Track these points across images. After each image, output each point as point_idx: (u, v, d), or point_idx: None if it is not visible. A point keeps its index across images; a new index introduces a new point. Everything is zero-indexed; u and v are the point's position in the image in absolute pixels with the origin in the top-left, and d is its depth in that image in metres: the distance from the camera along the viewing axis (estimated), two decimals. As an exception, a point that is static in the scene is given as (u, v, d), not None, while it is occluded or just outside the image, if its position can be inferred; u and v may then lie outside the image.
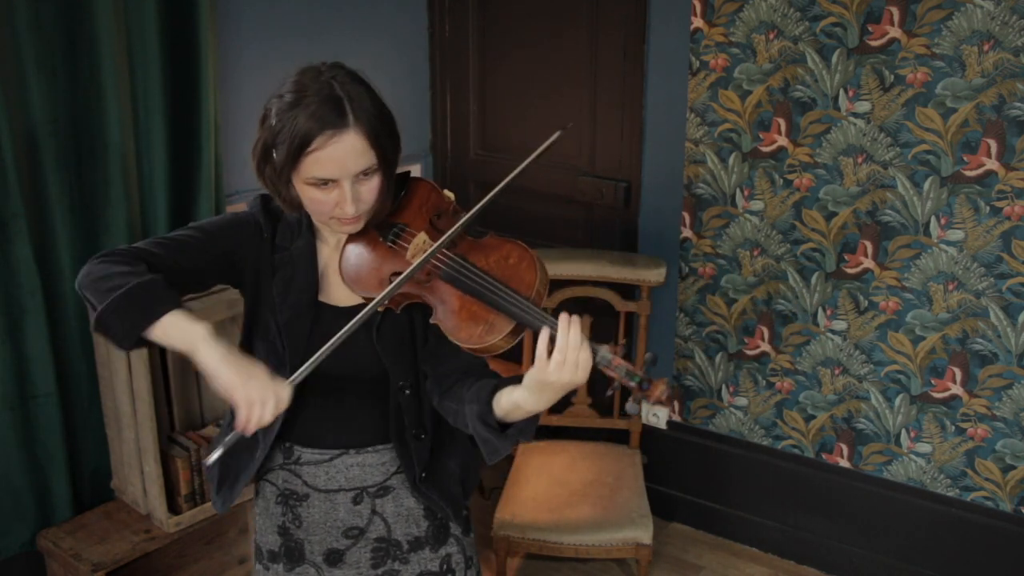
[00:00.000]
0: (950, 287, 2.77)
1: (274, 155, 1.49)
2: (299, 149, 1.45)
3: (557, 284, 3.03)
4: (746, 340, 3.16)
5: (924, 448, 2.93)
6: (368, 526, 1.71)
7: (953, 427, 2.87)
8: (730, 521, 3.35)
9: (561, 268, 2.98)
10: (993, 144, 2.61)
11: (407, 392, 1.64)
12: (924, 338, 2.84)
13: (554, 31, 3.28)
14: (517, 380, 1.50)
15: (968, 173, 2.66)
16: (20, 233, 2.41)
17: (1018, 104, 2.55)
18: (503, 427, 1.52)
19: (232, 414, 1.47)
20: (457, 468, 1.75)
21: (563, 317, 1.41)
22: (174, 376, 2.79)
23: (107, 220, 2.60)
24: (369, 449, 1.68)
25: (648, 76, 3.13)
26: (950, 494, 2.92)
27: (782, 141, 2.92)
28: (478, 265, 1.52)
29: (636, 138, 3.20)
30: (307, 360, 1.44)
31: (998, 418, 2.79)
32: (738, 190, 3.04)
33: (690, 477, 3.40)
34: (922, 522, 2.97)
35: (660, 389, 1.42)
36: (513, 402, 1.48)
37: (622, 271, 2.98)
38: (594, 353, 1.42)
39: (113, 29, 2.47)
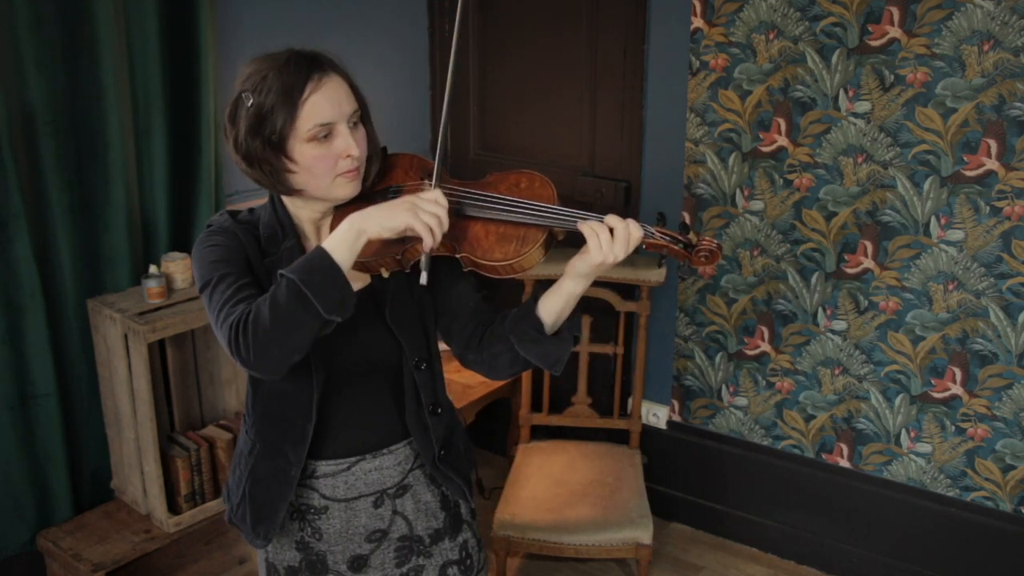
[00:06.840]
0: (950, 287, 2.77)
1: (266, 128, 1.50)
2: (294, 101, 1.48)
3: (557, 284, 3.03)
4: (746, 340, 3.16)
5: (924, 448, 2.93)
6: (390, 527, 1.72)
7: (953, 427, 2.87)
8: (730, 521, 3.35)
9: (560, 268, 2.95)
10: (993, 144, 2.60)
11: (423, 367, 1.66)
12: (924, 338, 2.84)
13: (554, 31, 3.28)
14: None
15: (968, 173, 2.66)
16: (20, 233, 2.41)
17: (1018, 104, 2.55)
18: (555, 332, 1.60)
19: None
20: (461, 446, 1.79)
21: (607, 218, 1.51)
22: (174, 376, 2.79)
23: (107, 220, 2.60)
24: (385, 451, 1.69)
25: (648, 76, 3.13)
26: (950, 494, 2.92)
27: (782, 141, 2.92)
28: (494, 193, 1.54)
29: (636, 138, 3.20)
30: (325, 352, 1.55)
31: (998, 418, 2.79)
32: (738, 190, 3.04)
33: (690, 477, 3.40)
34: (922, 522, 2.97)
35: (707, 242, 1.52)
36: (560, 295, 1.60)
37: (622, 271, 2.98)
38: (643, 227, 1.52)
39: (113, 29, 2.47)
